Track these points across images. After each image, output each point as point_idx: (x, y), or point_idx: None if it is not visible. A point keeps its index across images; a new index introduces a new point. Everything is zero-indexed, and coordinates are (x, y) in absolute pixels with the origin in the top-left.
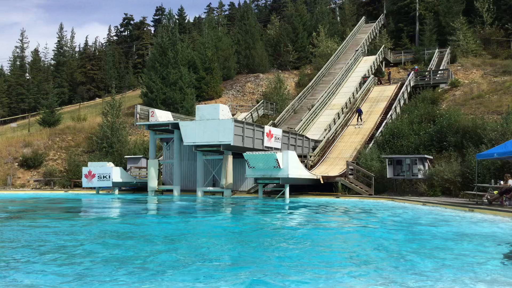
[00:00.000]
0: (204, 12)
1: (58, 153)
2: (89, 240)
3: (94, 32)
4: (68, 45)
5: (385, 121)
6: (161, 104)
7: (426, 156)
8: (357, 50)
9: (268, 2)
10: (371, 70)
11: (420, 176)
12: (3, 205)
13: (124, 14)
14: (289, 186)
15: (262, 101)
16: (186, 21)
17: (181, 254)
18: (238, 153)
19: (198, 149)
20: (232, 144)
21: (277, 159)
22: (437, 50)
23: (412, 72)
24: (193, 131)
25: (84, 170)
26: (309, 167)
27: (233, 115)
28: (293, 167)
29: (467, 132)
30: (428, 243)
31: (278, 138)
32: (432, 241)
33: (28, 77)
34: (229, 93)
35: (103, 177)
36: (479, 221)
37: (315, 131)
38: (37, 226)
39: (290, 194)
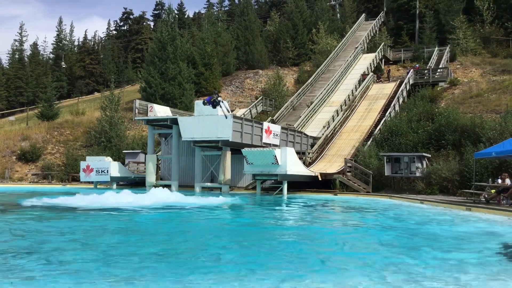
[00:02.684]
0: (204, 8)
1: (56, 147)
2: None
3: (93, 26)
4: (67, 39)
5: (384, 119)
6: (160, 99)
7: (424, 154)
8: (356, 48)
9: None
10: (371, 68)
11: (418, 174)
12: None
13: (124, 8)
14: (287, 182)
15: (261, 97)
16: (185, 16)
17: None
18: (236, 149)
19: (196, 144)
20: (230, 140)
21: (275, 156)
22: (436, 48)
23: (412, 70)
24: (192, 127)
25: (82, 165)
26: (308, 164)
27: (232, 111)
28: (291, 163)
29: (466, 131)
30: (423, 241)
31: (276, 135)
32: (428, 240)
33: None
34: (228, 89)
35: (101, 171)
36: (476, 220)
37: (314, 128)
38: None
39: (288, 190)
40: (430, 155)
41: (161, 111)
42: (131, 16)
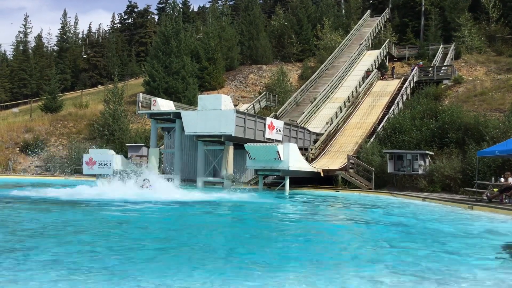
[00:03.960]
0: (209, 2)
1: (60, 139)
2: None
3: (98, 19)
4: (72, 32)
5: (387, 116)
6: (163, 93)
7: (427, 152)
8: (361, 44)
9: None
10: (375, 65)
11: (420, 171)
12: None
13: (128, 1)
14: (289, 178)
15: (264, 92)
16: (190, 10)
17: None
18: (239, 144)
19: (199, 139)
20: (233, 135)
21: (278, 151)
22: (441, 46)
23: (416, 67)
24: (195, 121)
25: (85, 157)
26: (310, 160)
27: (235, 106)
28: (293, 159)
29: (469, 129)
30: (424, 239)
31: (279, 130)
32: (429, 238)
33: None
34: (232, 83)
35: (104, 164)
36: (478, 218)
37: (317, 124)
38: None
39: (290, 186)
40: (433, 153)
41: (164, 105)
42: (136, 10)
